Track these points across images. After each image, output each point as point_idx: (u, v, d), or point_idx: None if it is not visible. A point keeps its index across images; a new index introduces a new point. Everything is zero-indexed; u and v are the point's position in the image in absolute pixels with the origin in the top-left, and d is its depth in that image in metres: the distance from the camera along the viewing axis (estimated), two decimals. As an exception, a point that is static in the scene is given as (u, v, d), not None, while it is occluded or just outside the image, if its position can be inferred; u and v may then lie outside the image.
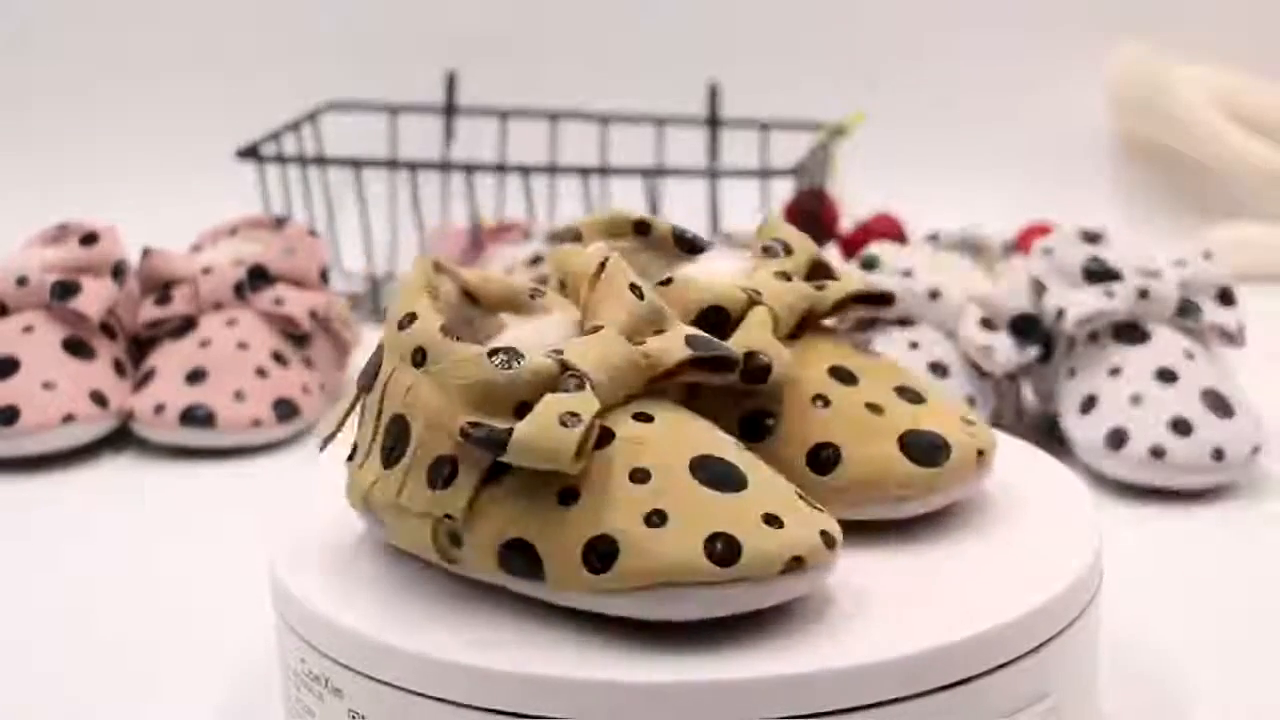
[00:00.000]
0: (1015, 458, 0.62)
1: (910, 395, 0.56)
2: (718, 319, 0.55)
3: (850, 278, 0.60)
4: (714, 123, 1.21)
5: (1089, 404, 0.83)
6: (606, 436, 0.49)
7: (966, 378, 0.85)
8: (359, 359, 1.00)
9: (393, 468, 0.52)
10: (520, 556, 0.49)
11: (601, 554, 0.48)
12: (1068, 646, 0.52)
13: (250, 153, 1.11)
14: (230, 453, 0.90)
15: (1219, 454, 0.79)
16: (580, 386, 0.49)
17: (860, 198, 1.14)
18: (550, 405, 0.48)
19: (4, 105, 1.39)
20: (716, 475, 0.49)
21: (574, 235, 0.60)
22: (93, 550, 0.79)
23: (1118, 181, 1.34)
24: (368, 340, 1.01)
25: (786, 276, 0.58)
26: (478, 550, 0.50)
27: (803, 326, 0.57)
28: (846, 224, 1.08)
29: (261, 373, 0.92)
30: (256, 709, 0.62)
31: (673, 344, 0.51)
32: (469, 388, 0.50)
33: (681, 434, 0.50)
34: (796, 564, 0.47)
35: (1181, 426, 0.80)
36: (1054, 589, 0.51)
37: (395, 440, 0.52)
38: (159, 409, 0.89)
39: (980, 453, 0.55)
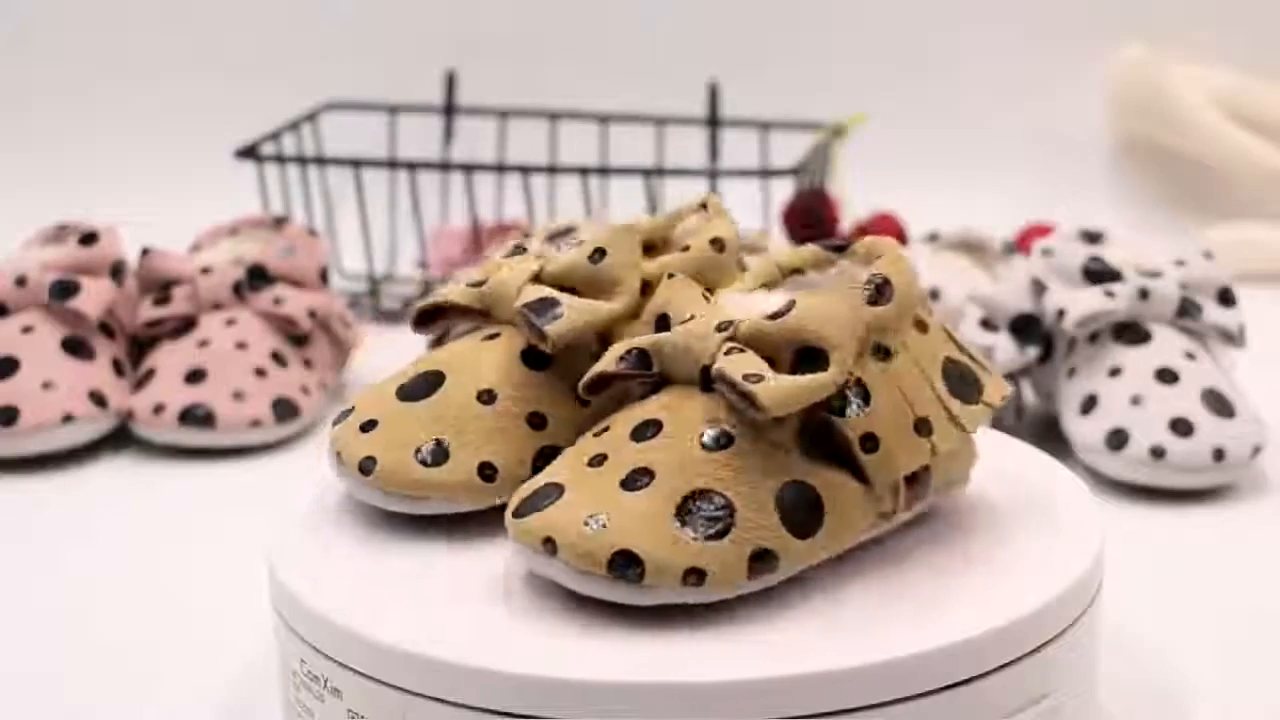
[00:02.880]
0: (1015, 458, 0.62)
1: (632, 483, 0.50)
2: (664, 324, 0.55)
3: (772, 383, 0.51)
4: (714, 123, 1.21)
5: (1089, 404, 0.83)
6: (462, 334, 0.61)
7: (966, 378, 0.85)
8: (359, 359, 1.00)
9: None
10: None
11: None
12: (1068, 647, 0.52)
13: (249, 152, 1.11)
14: (229, 453, 0.90)
15: (1219, 454, 0.79)
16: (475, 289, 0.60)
17: (860, 198, 1.14)
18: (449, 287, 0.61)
19: (4, 105, 1.39)
20: (415, 385, 0.58)
21: (841, 247, 0.59)
22: (92, 550, 0.79)
23: (1118, 181, 1.34)
24: (368, 341, 1.01)
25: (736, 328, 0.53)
26: None
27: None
28: (846, 224, 1.08)
29: (261, 373, 0.91)
30: (256, 709, 0.62)
31: (529, 296, 0.58)
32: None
33: (462, 357, 0.58)
34: (336, 458, 0.56)
35: (1182, 427, 0.80)
36: (1054, 589, 0.51)
37: None
38: (158, 409, 0.89)
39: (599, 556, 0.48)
